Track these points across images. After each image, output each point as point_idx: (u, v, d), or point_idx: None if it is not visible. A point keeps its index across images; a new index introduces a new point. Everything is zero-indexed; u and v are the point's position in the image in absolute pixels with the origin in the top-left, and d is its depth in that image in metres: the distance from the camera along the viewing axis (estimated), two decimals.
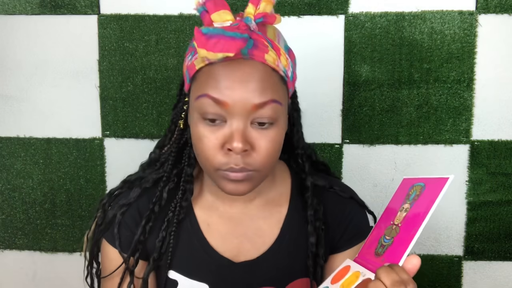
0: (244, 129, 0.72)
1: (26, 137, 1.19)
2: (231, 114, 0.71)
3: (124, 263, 0.82)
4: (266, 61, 0.72)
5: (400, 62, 1.12)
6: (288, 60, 0.76)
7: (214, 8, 0.72)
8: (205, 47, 0.67)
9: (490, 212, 1.17)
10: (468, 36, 1.11)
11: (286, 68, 0.75)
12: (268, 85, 0.72)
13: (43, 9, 1.14)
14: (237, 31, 0.69)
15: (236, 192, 0.75)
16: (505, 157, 1.15)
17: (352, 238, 0.87)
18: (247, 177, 0.74)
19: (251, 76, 0.71)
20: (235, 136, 0.71)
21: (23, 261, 1.24)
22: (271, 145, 0.74)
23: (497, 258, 1.19)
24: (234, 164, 0.72)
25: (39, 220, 1.22)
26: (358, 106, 1.14)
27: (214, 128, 0.72)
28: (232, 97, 0.70)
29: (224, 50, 0.67)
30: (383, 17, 1.11)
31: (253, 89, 0.70)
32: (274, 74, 0.73)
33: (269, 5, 0.73)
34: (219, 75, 0.71)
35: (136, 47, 1.15)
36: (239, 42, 0.67)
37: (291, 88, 0.79)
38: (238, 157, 0.72)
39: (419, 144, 1.16)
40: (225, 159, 0.72)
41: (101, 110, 1.17)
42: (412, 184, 0.73)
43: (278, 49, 0.74)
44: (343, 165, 1.17)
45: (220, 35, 0.67)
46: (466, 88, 1.13)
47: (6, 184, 1.21)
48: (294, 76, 0.79)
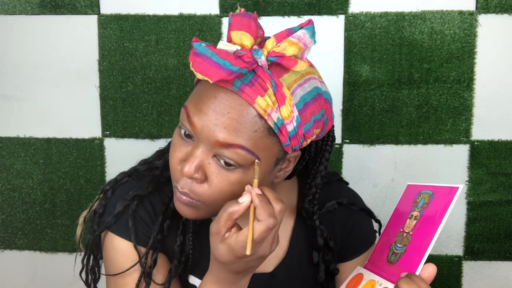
0: (202, 157, 0.67)
1: (26, 137, 1.19)
2: (197, 138, 0.67)
3: (141, 259, 0.76)
4: (254, 104, 0.64)
5: (400, 62, 1.12)
6: (294, 114, 0.67)
7: (236, 26, 0.66)
8: (191, 62, 0.65)
9: (490, 212, 1.17)
10: (468, 36, 1.11)
11: (285, 121, 0.66)
12: (242, 129, 0.65)
13: (43, 9, 1.14)
14: (231, 60, 0.62)
15: (181, 213, 0.72)
16: (505, 157, 1.15)
17: (360, 247, 0.86)
18: (191, 204, 0.70)
19: (227, 112, 0.64)
20: (189, 160, 0.66)
21: (23, 261, 1.24)
22: (226, 188, 0.68)
23: (497, 258, 1.19)
24: (180, 186, 0.69)
25: (39, 220, 1.22)
26: (358, 106, 1.14)
27: (184, 142, 0.69)
28: (201, 122, 0.65)
29: (204, 73, 0.63)
30: (383, 17, 1.11)
31: (222, 124, 0.64)
32: (259, 121, 0.65)
33: (292, 48, 0.65)
34: (202, 93, 0.67)
35: (136, 47, 1.15)
36: (222, 72, 0.62)
37: (290, 143, 0.69)
38: (186, 180, 0.68)
39: (419, 144, 1.16)
40: (178, 176, 0.69)
41: (101, 110, 1.17)
42: (419, 191, 0.73)
43: (283, 97, 0.65)
44: (343, 165, 1.17)
45: (207, 58, 0.63)
46: (466, 88, 1.13)
47: (6, 184, 1.21)
48: (299, 132, 0.68)
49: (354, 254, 0.87)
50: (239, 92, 0.64)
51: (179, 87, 1.15)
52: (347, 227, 0.86)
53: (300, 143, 0.70)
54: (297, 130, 0.68)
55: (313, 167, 0.82)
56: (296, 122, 0.67)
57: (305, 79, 0.69)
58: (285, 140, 0.68)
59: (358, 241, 0.87)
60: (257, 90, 0.64)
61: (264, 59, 0.65)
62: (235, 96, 0.65)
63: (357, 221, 0.87)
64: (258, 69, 0.65)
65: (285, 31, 0.67)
